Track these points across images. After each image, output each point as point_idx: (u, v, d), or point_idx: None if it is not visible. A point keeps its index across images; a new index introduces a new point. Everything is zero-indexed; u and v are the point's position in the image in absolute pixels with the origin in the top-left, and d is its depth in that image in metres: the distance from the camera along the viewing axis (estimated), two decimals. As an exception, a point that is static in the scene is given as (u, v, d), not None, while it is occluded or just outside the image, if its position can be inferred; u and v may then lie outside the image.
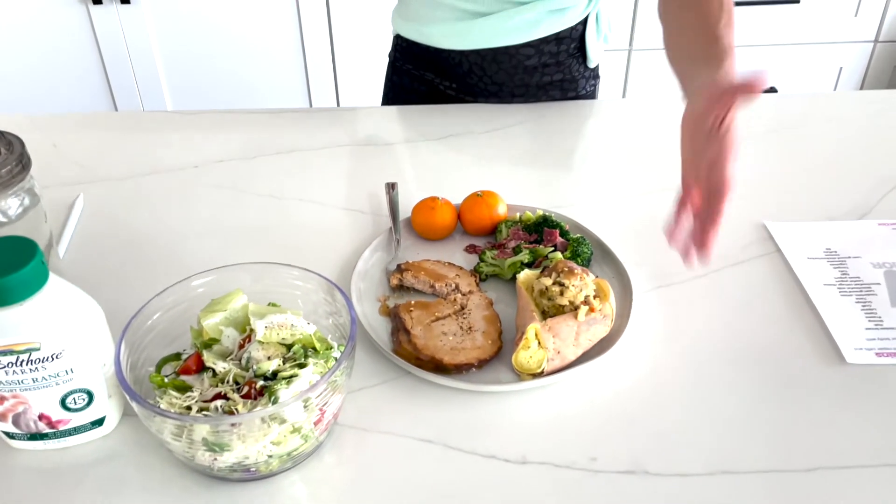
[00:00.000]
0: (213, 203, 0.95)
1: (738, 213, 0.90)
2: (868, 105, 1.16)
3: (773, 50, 2.22)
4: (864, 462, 0.61)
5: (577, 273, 0.70)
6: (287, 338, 0.63)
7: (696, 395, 0.67)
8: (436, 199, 0.88)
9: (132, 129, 1.13)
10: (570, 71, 1.14)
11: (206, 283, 0.67)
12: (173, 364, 0.65)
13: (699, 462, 0.61)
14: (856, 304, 0.76)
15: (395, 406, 0.67)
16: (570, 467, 0.62)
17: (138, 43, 2.16)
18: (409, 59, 1.19)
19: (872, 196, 0.93)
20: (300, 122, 1.13)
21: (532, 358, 0.68)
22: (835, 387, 0.68)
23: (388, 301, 0.79)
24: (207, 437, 0.55)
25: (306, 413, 0.58)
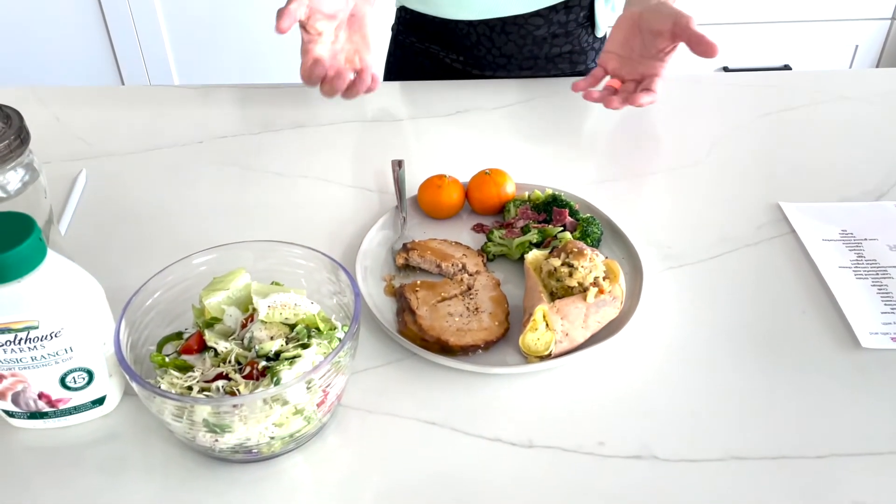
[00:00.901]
0: (217, 180, 0.94)
1: (751, 194, 0.89)
2: (884, 83, 1.13)
3: (788, 27, 2.18)
4: (878, 449, 0.60)
5: (586, 254, 0.69)
6: (290, 317, 0.62)
7: (706, 380, 0.66)
8: (443, 178, 0.86)
9: (136, 104, 1.11)
10: (579, 42, 1.12)
11: (207, 261, 0.66)
12: (175, 343, 0.64)
13: (709, 447, 0.60)
14: (871, 287, 0.75)
15: (400, 387, 0.66)
16: (577, 451, 0.60)
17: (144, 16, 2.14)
18: (413, 31, 1.17)
19: (890, 177, 0.91)
20: (305, 97, 1.11)
21: (539, 340, 0.66)
22: (849, 372, 0.66)
23: (393, 281, 0.77)
24: (208, 419, 0.54)
25: (309, 394, 0.57)
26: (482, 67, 1.14)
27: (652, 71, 0.90)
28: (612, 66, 0.95)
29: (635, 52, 0.92)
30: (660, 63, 0.90)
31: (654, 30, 0.88)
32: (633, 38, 0.92)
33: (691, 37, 0.84)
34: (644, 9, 0.90)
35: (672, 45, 0.88)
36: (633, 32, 0.92)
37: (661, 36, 0.88)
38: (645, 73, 0.91)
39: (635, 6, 0.92)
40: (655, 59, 0.90)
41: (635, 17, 0.91)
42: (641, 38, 0.91)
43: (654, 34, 0.89)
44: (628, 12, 0.93)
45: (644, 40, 0.91)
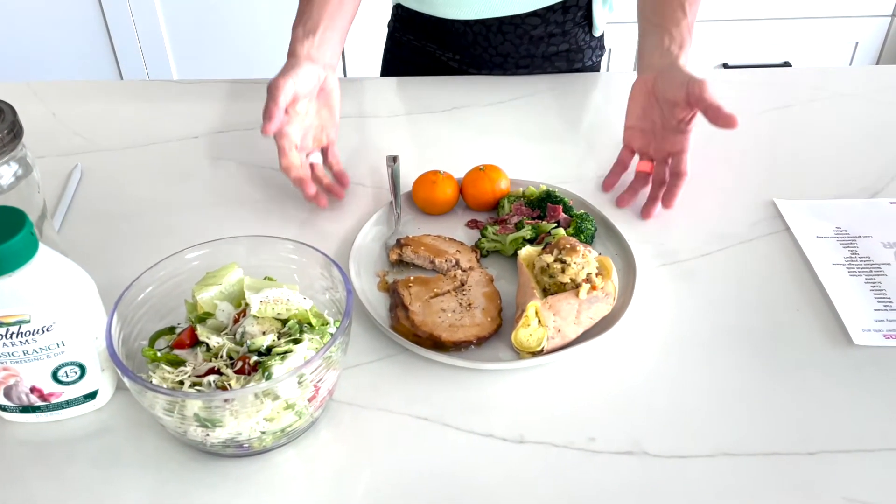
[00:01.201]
0: (212, 175, 0.94)
1: (746, 190, 0.89)
2: (881, 81, 1.13)
3: (788, 24, 2.18)
4: (868, 446, 0.60)
5: (579, 250, 0.69)
6: (282, 313, 0.62)
7: (698, 376, 0.66)
8: (437, 173, 0.86)
9: (133, 99, 1.11)
10: (576, 41, 1.12)
11: (200, 256, 0.66)
12: (167, 338, 0.64)
13: (700, 444, 0.60)
14: (865, 284, 0.75)
15: (393, 383, 0.66)
16: (569, 447, 0.61)
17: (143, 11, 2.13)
18: (410, 29, 1.17)
19: (885, 174, 0.91)
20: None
21: (532, 336, 0.66)
22: (841, 369, 0.66)
23: (387, 276, 0.77)
24: (199, 413, 0.55)
25: (300, 389, 0.57)
26: (479, 66, 1.14)
27: (679, 147, 0.83)
28: (638, 144, 0.88)
29: (657, 124, 0.86)
30: (683, 136, 0.83)
31: (670, 100, 0.82)
32: (652, 108, 0.86)
33: (708, 108, 0.77)
34: (657, 73, 0.84)
35: (691, 113, 0.81)
36: (650, 102, 0.85)
37: (678, 105, 0.81)
38: (671, 151, 0.84)
39: (647, 70, 0.86)
40: (678, 131, 0.83)
41: (649, 84, 0.85)
42: (659, 108, 0.85)
43: (670, 104, 0.82)
44: (641, 79, 0.86)
45: (662, 110, 0.84)
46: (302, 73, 0.82)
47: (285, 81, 0.80)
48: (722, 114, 0.76)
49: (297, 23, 0.87)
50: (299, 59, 0.83)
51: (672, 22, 0.85)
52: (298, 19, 0.87)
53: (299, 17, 0.87)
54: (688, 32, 0.85)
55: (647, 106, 0.86)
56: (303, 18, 0.86)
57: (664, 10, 0.86)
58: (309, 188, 0.84)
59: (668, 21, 0.85)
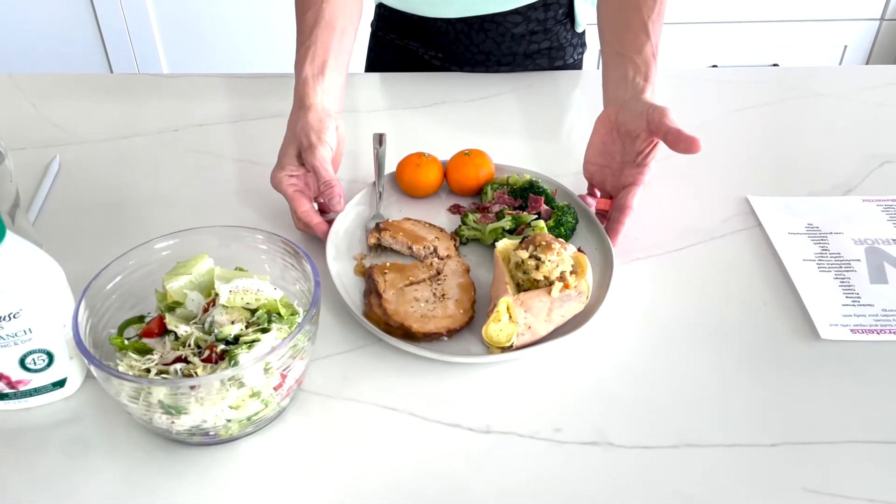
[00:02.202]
0: (191, 167, 0.94)
1: (721, 187, 0.89)
2: (858, 81, 1.14)
3: (777, 27, 2.19)
4: (828, 438, 0.60)
5: (554, 248, 0.69)
6: (252, 302, 0.62)
7: (666, 370, 0.67)
8: (422, 156, 0.86)
9: (114, 92, 1.11)
10: (557, 38, 1.12)
11: (170, 245, 0.66)
12: (136, 327, 0.64)
13: (663, 435, 0.61)
14: (834, 280, 0.75)
15: (363, 373, 0.67)
16: (534, 437, 0.61)
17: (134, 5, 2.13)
18: (393, 28, 1.17)
19: (858, 172, 0.91)
20: (284, 87, 1.10)
21: (502, 331, 0.67)
22: (806, 362, 0.67)
23: (364, 260, 0.78)
24: (164, 400, 0.55)
25: (266, 377, 0.57)
26: (461, 64, 1.15)
27: (632, 180, 0.79)
28: (595, 178, 0.85)
29: (615, 159, 0.82)
30: (639, 170, 0.79)
31: (631, 132, 0.79)
32: (612, 143, 0.82)
33: (668, 133, 0.74)
34: (619, 107, 0.80)
35: (650, 145, 0.78)
36: (611, 137, 0.82)
37: (639, 137, 0.78)
38: (625, 184, 0.80)
39: (611, 104, 0.82)
40: (635, 165, 0.80)
41: (612, 118, 0.81)
42: (620, 141, 0.81)
43: (631, 137, 0.79)
44: (604, 114, 0.83)
45: (623, 144, 0.81)
46: (328, 136, 0.79)
47: (325, 156, 0.78)
48: (683, 137, 0.73)
49: (302, 58, 0.83)
50: (315, 111, 0.80)
51: (635, 48, 0.82)
52: (304, 54, 0.83)
53: (304, 50, 0.83)
54: (653, 57, 0.81)
55: (609, 140, 0.82)
56: (308, 53, 0.83)
57: (626, 36, 0.83)
58: (323, 233, 0.80)
59: (631, 48, 0.82)
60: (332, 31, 0.84)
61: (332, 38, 0.84)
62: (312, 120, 0.79)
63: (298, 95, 0.82)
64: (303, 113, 0.80)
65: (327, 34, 0.84)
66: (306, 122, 0.79)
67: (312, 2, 0.85)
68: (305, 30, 0.84)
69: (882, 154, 0.95)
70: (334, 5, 0.85)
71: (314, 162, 0.77)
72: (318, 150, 0.78)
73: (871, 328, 0.70)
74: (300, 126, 0.79)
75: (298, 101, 0.82)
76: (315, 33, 0.83)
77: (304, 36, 0.84)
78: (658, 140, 0.77)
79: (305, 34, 0.84)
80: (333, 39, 0.84)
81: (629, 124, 0.79)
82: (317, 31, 0.84)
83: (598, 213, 0.84)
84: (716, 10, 2.15)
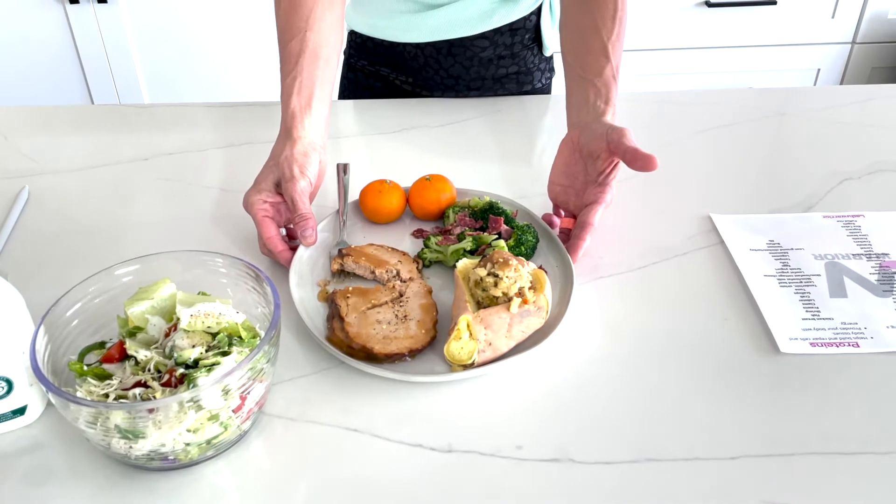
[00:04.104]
0: (160, 196, 0.95)
1: (684, 206, 0.90)
2: (821, 100, 1.16)
3: (751, 52, 2.22)
4: (787, 450, 0.61)
5: (511, 264, 0.70)
6: (213, 326, 0.63)
7: (626, 386, 0.67)
8: (384, 182, 0.87)
9: (85, 123, 1.12)
10: (525, 63, 1.14)
11: (132, 271, 0.67)
12: (97, 353, 0.64)
13: (624, 450, 0.61)
14: (794, 294, 0.76)
15: (326, 396, 0.67)
16: (495, 455, 0.61)
17: (115, 42, 2.15)
18: (364, 54, 1.19)
19: (819, 190, 0.93)
20: (256, 115, 1.12)
21: (463, 349, 0.67)
22: (766, 376, 0.67)
23: (327, 286, 0.78)
24: (121, 424, 0.55)
25: (225, 400, 0.57)
26: (431, 88, 1.17)
27: (593, 199, 0.81)
28: (559, 198, 0.86)
29: (579, 179, 0.84)
30: (601, 189, 0.81)
31: (592, 152, 0.80)
32: (575, 163, 0.84)
33: (626, 153, 0.76)
34: (581, 129, 0.83)
35: (611, 165, 0.80)
36: (574, 158, 0.83)
37: (600, 158, 0.80)
38: (587, 203, 0.82)
39: (573, 127, 0.84)
40: (597, 184, 0.82)
41: (575, 140, 0.83)
42: (583, 162, 0.83)
43: (593, 157, 0.81)
44: (568, 136, 0.85)
45: (585, 165, 0.83)
46: (311, 170, 0.80)
47: (304, 189, 0.79)
48: (640, 155, 0.75)
49: (289, 89, 0.84)
50: (301, 143, 0.81)
51: (595, 71, 0.84)
52: (291, 85, 0.84)
53: (290, 80, 0.84)
54: (613, 80, 0.84)
55: (572, 161, 0.84)
56: (295, 84, 0.84)
57: (586, 59, 0.85)
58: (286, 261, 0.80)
59: (592, 71, 0.84)
60: (316, 61, 0.85)
61: (317, 67, 0.85)
62: (297, 152, 0.81)
63: (286, 126, 0.83)
64: (289, 144, 0.81)
65: (312, 63, 0.85)
66: (291, 153, 0.80)
67: (296, 30, 0.86)
68: (290, 59, 0.85)
69: (842, 172, 0.96)
70: (318, 34, 0.86)
71: (293, 195, 0.78)
72: (299, 182, 0.79)
73: (830, 341, 0.71)
74: (284, 156, 0.80)
75: (285, 131, 0.83)
76: (300, 63, 0.85)
77: (289, 65, 0.85)
78: (618, 160, 0.79)
79: (291, 63, 0.85)
80: (318, 69, 0.85)
81: (590, 145, 0.81)
82: (302, 60, 0.85)
83: (562, 232, 0.85)
84: (688, 36, 2.19)
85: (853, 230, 0.85)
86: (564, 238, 0.83)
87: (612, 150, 0.78)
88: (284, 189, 0.79)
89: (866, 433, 0.62)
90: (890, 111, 1.12)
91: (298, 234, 0.79)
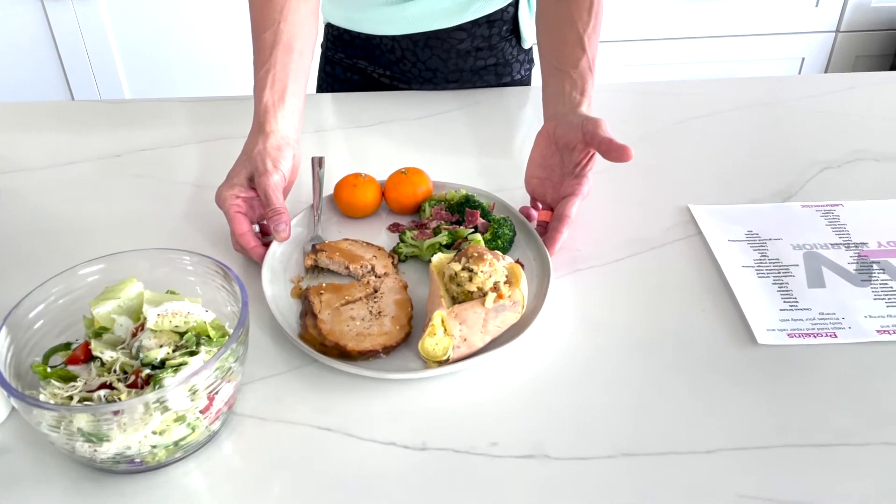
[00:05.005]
0: (132, 193, 0.93)
1: (662, 197, 0.90)
2: (800, 90, 1.15)
3: (734, 41, 2.22)
4: (764, 443, 0.60)
5: (486, 259, 0.69)
6: (181, 326, 0.62)
7: (602, 380, 0.66)
8: (358, 176, 0.86)
9: (58, 120, 1.10)
10: (503, 54, 1.13)
11: (97, 271, 0.65)
12: (63, 354, 0.63)
13: (600, 445, 0.60)
14: (772, 285, 0.76)
15: (298, 395, 0.66)
16: (470, 452, 0.60)
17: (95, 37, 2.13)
18: (341, 47, 1.17)
19: (798, 180, 0.92)
20: (231, 110, 1.11)
21: (438, 345, 0.66)
22: (743, 368, 0.67)
23: (301, 283, 0.77)
24: (84, 428, 0.54)
25: (192, 401, 0.56)
26: (409, 81, 1.15)
27: (570, 191, 0.80)
28: (536, 191, 0.85)
29: (555, 172, 0.83)
30: (578, 181, 0.80)
31: (568, 144, 0.80)
32: (551, 156, 0.83)
33: (601, 143, 0.75)
34: (557, 121, 0.82)
35: (587, 156, 0.79)
36: (550, 150, 0.83)
37: (576, 149, 0.79)
38: (564, 195, 0.81)
39: (550, 119, 0.83)
40: (574, 176, 0.81)
41: (551, 132, 0.82)
42: (559, 154, 0.82)
43: (569, 149, 0.80)
44: (544, 128, 0.84)
45: (562, 157, 0.82)
46: (284, 164, 0.79)
47: (277, 183, 0.78)
48: (614, 146, 0.74)
49: (262, 82, 0.83)
50: (275, 137, 0.80)
51: (571, 63, 0.83)
52: (264, 78, 0.83)
53: (263, 73, 0.83)
54: (589, 71, 0.83)
55: (548, 153, 0.83)
56: (269, 77, 0.82)
57: (562, 50, 0.84)
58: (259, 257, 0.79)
59: (567, 62, 0.83)
60: (290, 53, 0.84)
61: (291, 59, 0.84)
62: (270, 146, 0.79)
63: (258, 121, 0.82)
64: (262, 138, 0.80)
65: (286, 56, 0.84)
66: (264, 147, 0.79)
67: (270, 22, 0.84)
68: (264, 51, 0.84)
69: (822, 161, 0.96)
70: (292, 25, 0.85)
71: (266, 189, 0.77)
72: (272, 176, 0.78)
73: (807, 332, 0.70)
74: (257, 150, 0.79)
75: (258, 125, 0.82)
76: (274, 55, 0.83)
77: (262, 57, 0.84)
78: (594, 151, 0.78)
79: (264, 55, 0.84)
80: (292, 62, 0.84)
81: (566, 137, 0.80)
82: (276, 52, 0.83)
83: (539, 224, 0.84)
84: (672, 26, 2.18)
85: (832, 220, 0.85)
86: (542, 231, 0.82)
87: (588, 140, 0.78)
88: (257, 183, 0.78)
89: (844, 424, 0.62)
90: (873, 99, 1.11)
91: (271, 228, 0.77)
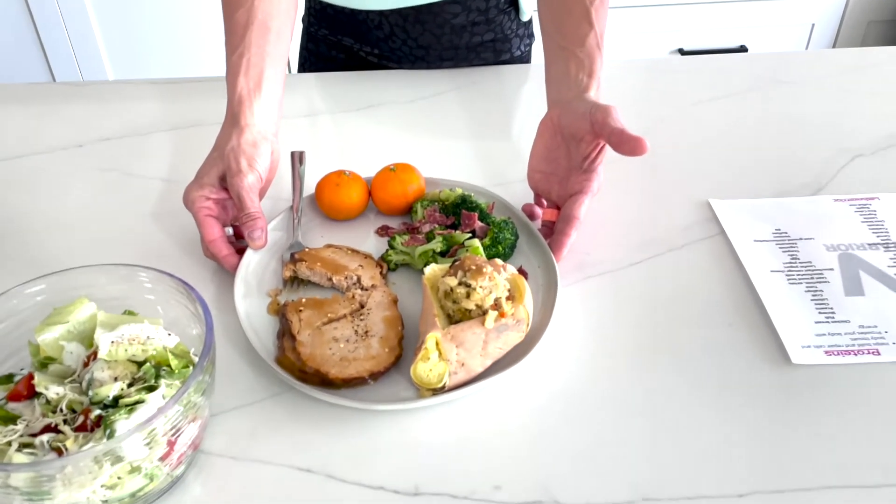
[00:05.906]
0: (93, 188, 0.85)
1: (680, 191, 0.82)
2: (825, 66, 1.06)
3: (742, 7, 2.13)
4: (801, 485, 0.53)
5: (485, 272, 0.61)
6: (138, 354, 0.54)
7: (618, 410, 0.59)
8: (342, 174, 0.78)
9: (11, 104, 1.01)
10: (501, 29, 1.04)
11: (42, 290, 0.57)
12: (5, 388, 0.55)
13: (617, 488, 0.53)
14: (805, 293, 0.68)
15: (274, 428, 0.58)
16: (469, 498, 0.53)
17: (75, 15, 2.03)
18: (324, 22, 1.08)
19: (828, 169, 0.84)
20: (203, 91, 1.02)
21: (432, 371, 0.58)
22: (776, 393, 0.59)
23: (279, 297, 0.69)
24: (20, 487, 0.46)
25: (150, 448, 0.48)
26: (399, 60, 1.06)
27: (579, 188, 0.72)
28: (541, 187, 0.77)
29: (561, 165, 0.74)
30: (587, 176, 0.72)
31: (574, 134, 0.72)
32: (557, 148, 0.75)
33: (611, 134, 0.67)
34: (562, 108, 0.73)
35: (596, 148, 0.71)
36: (555, 141, 0.74)
37: (584, 140, 0.71)
38: (572, 192, 0.73)
39: (554, 106, 0.75)
40: (582, 170, 0.73)
41: (555, 120, 0.74)
42: (566, 146, 0.74)
43: (576, 140, 0.72)
44: (547, 116, 0.75)
45: (569, 149, 0.74)
46: (260, 163, 0.71)
47: (252, 184, 0.70)
48: (627, 137, 0.66)
49: (235, 67, 0.74)
50: (250, 131, 0.72)
51: (577, 40, 0.74)
52: (238, 63, 0.74)
53: (237, 58, 0.75)
54: (597, 49, 0.74)
55: (553, 145, 0.75)
56: (242, 62, 0.74)
57: (567, 25, 0.75)
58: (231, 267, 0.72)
59: (573, 40, 0.75)
60: (266, 33, 0.75)
61: (267, 41, 0.75)
62: (245, 143, 0.71)
63: (232, 112, 0.73)
64: (236, 132, 0.72)
65: (262, 37, 0.75)
66: (238, 143, 0.71)
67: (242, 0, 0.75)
68: (237, 32, 0.75)
69: (853, 147, 0.87)
70: (267, 2, 0.76)
71: (240, 191, 0.69)
72: (247, 177, 0.70)
73: (847, 349, 0.63)
74: (230, 147, 0.71)
75: (232, 117, 0.73)
76: (248, 37, 0.75)
77: (235, 38, 0.75)
78: (604, 143, 0.70)
79: (237, 37, 0.75)
80: (269, 43, 0.75)
81: (572, 126, 0.71)
82: (250, 33, 0.75)
83: (544, 225, 0.76)
84: (680, -8, 2.09)
85: (868, 215, 0.77)
86: (547, 232, 0.74)
87: (597, 131, 0.69)
88: (230, 184, 0.70)
89: (891, 460, 0.54)
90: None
91: (246, 235, 0.69)
